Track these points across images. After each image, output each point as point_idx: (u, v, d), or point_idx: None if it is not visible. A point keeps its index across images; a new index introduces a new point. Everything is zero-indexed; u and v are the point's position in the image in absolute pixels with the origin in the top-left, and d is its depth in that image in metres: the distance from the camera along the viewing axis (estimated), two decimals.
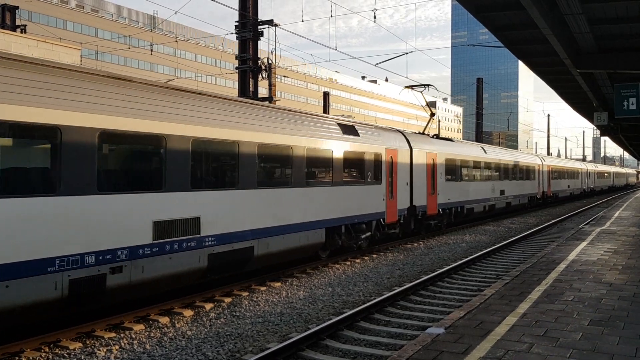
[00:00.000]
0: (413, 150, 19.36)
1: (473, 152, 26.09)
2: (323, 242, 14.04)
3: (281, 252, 12.41)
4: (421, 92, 23.77)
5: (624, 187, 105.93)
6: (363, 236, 16.22)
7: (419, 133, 22.40)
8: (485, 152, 27.87)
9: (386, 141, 17.50)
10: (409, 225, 19.40)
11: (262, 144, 11.84)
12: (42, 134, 7.68)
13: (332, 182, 14.33)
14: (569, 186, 48.82)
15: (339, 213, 14.62)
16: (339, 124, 15.32)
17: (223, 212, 10.72)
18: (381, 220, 17.04)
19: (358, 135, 15.85)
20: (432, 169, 20.81)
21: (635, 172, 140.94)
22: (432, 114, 23.97)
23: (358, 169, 15.73)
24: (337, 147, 14.66)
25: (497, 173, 29.33)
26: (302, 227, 13.02)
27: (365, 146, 16.02)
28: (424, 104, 23.98)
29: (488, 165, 27.85)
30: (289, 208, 12.64)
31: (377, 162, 16.71)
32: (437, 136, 23.78)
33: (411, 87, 23.52)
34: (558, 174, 44.45)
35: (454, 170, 23.11)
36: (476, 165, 26.10)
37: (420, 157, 19.88)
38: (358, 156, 15.67)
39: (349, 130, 15.59)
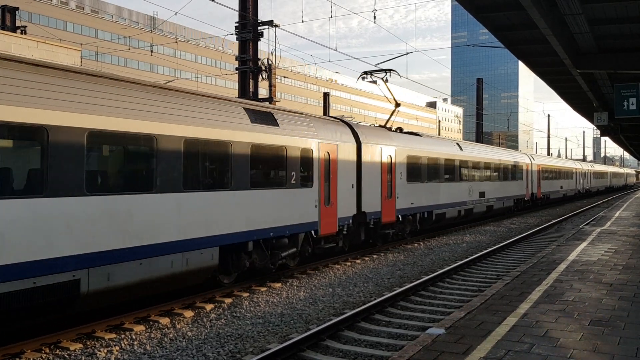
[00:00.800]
0: (363, 145, 16.11)
1: (444, 148, 22.71)
2: (216, 265, 10.62)
3: (137, 284, 8.98)
4: (382, 78, 20.57)
5: (623, 187, 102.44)
6: (285, 254, 12.76)
7: (379, 126, 19.56)
8: (461, 149, 24.55)
9: (321, 134, 14.14)
10: (358, 236, 16.32)
11: (94, 130, 8.32)
12: None
13: (232, 185, 10.99)
14: (561, 187, 45.90)
15: (243, 225, 11.20)
16: (247, 110, 11.80)
17: (17, 229, 7.28)
18: (312, 232, 13.65)
19: (277, 125, 12.46)
20: (389, 168, 17.74)
21: (634, 172, 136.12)
22: (397, 105, 20.97)
23: (276, 169, 12.47)
24: (242, 140, 11.23)
25: (476, 173, 26.07)
26: (175, 247, 9.61)
27: (287, 139, 12.61)
28: (386, 92, 20.85)
29: (464, 164, 24.54)
30: (152, 222, 9.18)
31: (305, 159, 13.34)
32: (401, 130, 20.45)
33: (370, 72, 20.67)
34: (549, 173, 41.52)
35: (418, 169, 19.86)
36: (449, 164, 22.78)
37: (373, 154, 16.76)
38: (276, 152, 12.32)
39: (262, 118, 12.12)
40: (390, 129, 19.46)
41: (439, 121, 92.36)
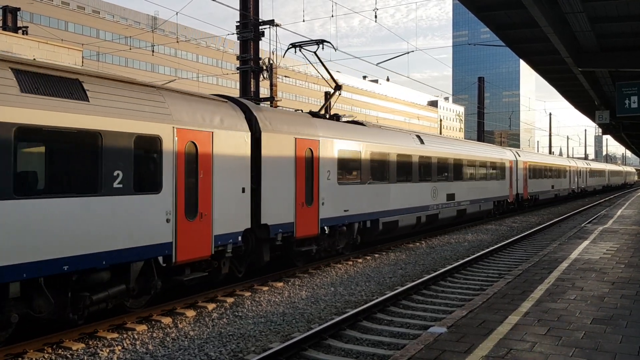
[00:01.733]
0: (264, 135, 12.09)
1: (398, 141, 18.56)
2: None
3: None
4: (314, 52, 16.64)
5: (622, 186, 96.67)
6: (100, 295, 8.76)
7: (305, 113, 14.98)
8: (422, 143, 20.40)
9: (180, 115, 10.09)
10: (259, 257, 12.48)
11: None
12: None
13: None
14: (553, 186, 42.09)
15: (16, 256, 7.32)
16: (17, 71, 7.75)
17: None
18: (161, 259, 9.63)
19: (84, 98, 8.41)
20: (308, 165, 13.67)
21: (634, 170, 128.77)
22: (338, 87, 17.48)
23: (81, 166, 8.40)
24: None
25: (443, 171, 21.96)
26: None
27: (103, 121, 8.56)
28: (323, 71, 16.89)
29: (426, 161, 20.42)
30: None
31: (145, 152, 9.38)
32: (337, 117, 16.38)
33: (299, 45, 16.55)
34: (538, 172, 37.87)
35: (357, 167, 15.92)
36: (404, 160, 18.71)
37: (282, 147, 12.68)
38: (80, 140, 8.27)
39: (49, 86, 8.08)
40: (324, 117, 15.66)
41: (441, 120, 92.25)
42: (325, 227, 14.30)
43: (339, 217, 14.88)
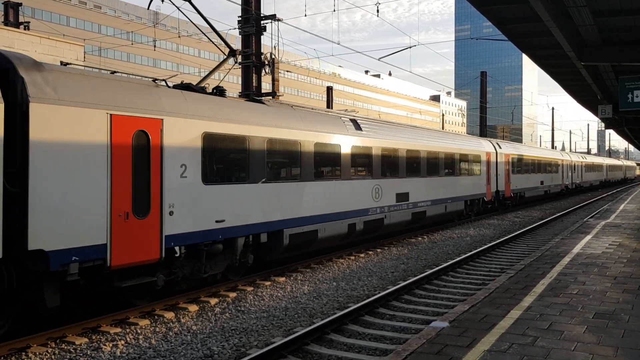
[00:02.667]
0: (34, 106, 7.93)
1: (317, 126, 14.17)
2: None
3: None
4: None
5: (621, 181, 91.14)
6: None
7: (142, 79, 10.09)
8: (359, 129, 16.01)
9: None
10: (38, 303, 8.29)
11: None
12: None
13: None
14: (542, 182, 37.80)
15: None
16: None
17: None
18: None
19: None
20: (139, 156, 9.33)
21: (635, 164, 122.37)
22: (232, 52, 14.41)
23: None
24: None
25: (390, 166, 17.50)
26: None
27: None
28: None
29: (363, 153, 16.02)
30: None
31: None
32: (220, 91, 12.12)
33: None
34: (524, 166, 33.56)
35: (241, 160, 11.60)
36: (328, 151, 14.40)
37: (76, 127, 8.43)
38: None
39: None
40: (190, 88, 11.24)
41: (443, 115, 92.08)
42: (177, 248, 9.91)
43: (206, 232, 10.49)
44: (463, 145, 24.18)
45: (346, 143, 15.20)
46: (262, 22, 21.75)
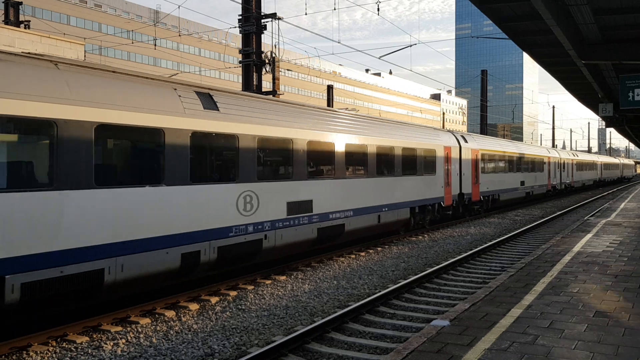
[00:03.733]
0: None
1: (112, 96, 8.89)
2: None
3: None
4: None
5: (618, 181, 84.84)
6: None
7: None
8: (213, 108, 10.95)
9: None
10: None
11: None
12: None
13: None
14: (523, 183, 33.15)
15: None
16: None
17: None
18: None
19: None
20: None
21: (632, 162, 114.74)
22: None
23: None
24: None
25: (273, 164, 12.70)
26: None
27: None
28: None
29: (217, 145, 11.08)
30: None
31: None
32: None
33: None
34: (498, 164, 28.74)
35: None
36: (128, 139, 9.31)
37: None
38: None
39: None
40: None
41: (443, 113, 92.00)
42: None
43: None
44: (410, 138, 18.84)
45: (181, 128, 9.94)
46: (262, 20, 21.74)
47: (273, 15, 21.99)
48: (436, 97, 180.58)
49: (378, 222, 16.66)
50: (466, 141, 24.66)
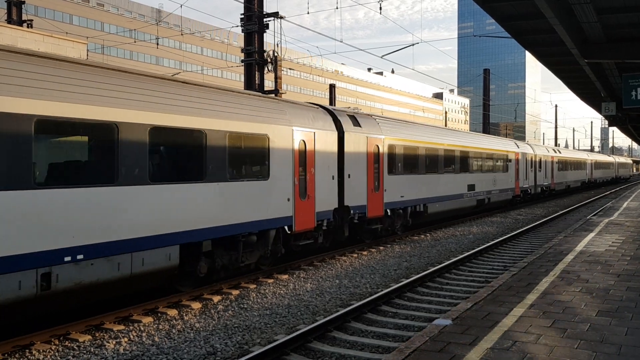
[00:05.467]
0: None
1: None
2: None
3: None
4: None
5: (612, 181, 74.59)
6: None
7: None
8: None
9: None
10: None
11: None
12: None
13: None
14: (472, 187, 24.54)
15: None
16: None
17: None
18: None
19: None
20: None
21: (630, 161, 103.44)
22: None
23: None
24: None
25: None
26: None
27: None
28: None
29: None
30: None
31: None
32: None
33: None
34: (425, 162, 20.19)
35: None
36: None
37: None
38: None
39: None
40: None
41: (446, 112, 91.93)
42: None
43: None
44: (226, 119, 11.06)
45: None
46: (264, 19, 21.74)
47: (275, 14, 21.98)
48: (438, 96, 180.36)
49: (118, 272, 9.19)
50: (357, 124, 16.00)
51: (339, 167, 15.05)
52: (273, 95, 16.77)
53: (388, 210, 17.40)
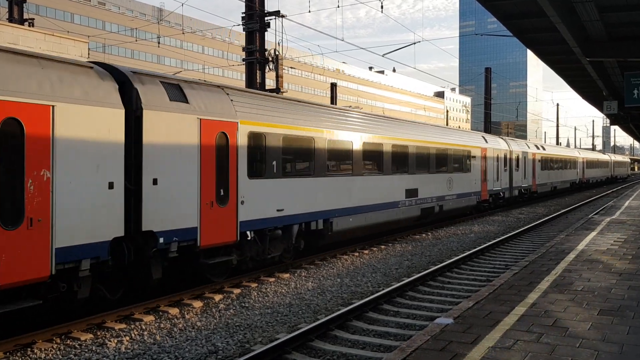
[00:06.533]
0: None
1: None
2: None
3: None
4: None
5: (608, 181, 68.67)
6: None
7: None
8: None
9: None
10: None
11: None
12: None
13: None
14: (413, 193, 18.78)
15: None
16: None
17: None
18: None
19: None
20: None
21: (628, 159, 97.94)
22: None
23: None
24: None
25: None
26: None
27: None
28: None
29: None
30: None
31: None
32: None
33: None
34: (338, 156, 14.99)
35: None
36: None
37: None
38: None
39: None
40: None
41: (447, 111, 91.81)
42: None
43: None
44: None
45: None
46: (266, 18, 21.72)
47: (276, 13, 21.97)
48: (440, 94, 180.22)
49: None
50: (179, 97, 10.48)
51: (135, 168, 9.54)
52: None
53: (249, 233, 11.75)
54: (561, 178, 42.21)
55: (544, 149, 38.03)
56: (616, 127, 79.01)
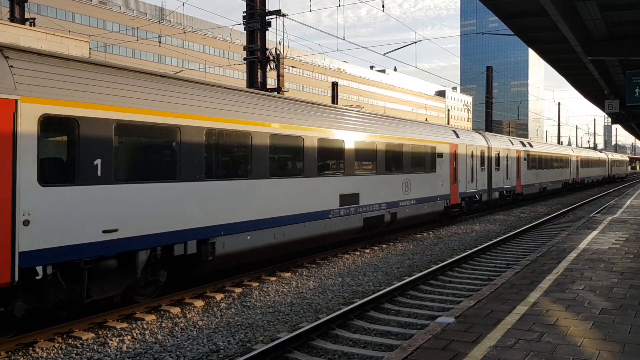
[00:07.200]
0: None
1: None
2: None
3: None
4: None
5: (605, 181, 65.05)
6: None
7: None
8: None
9: None
10: None
11: None
12: None
13: None
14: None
15: None
16: None
17: None
18: None
19: None
20: None
21: (626, 158, 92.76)
22: None
23: None
24: None
25: None
26: None
27: None
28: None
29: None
30: None
31: None
32: None
33: None
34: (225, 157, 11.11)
35: None
36: None
37: None
38: None
39: None
40: None
41: (448, 110, 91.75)
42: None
43: None
44: None
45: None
46: (267, 17, 21.72)
47: (277, 12, 21.96)
48: (441, 94, 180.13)
49: None
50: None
51: None
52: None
53: (39, 269, 7.67)
54: (551, 178, 38.75)
55: (531, 145, 34.54)
56: (618, 126, 78.85)
